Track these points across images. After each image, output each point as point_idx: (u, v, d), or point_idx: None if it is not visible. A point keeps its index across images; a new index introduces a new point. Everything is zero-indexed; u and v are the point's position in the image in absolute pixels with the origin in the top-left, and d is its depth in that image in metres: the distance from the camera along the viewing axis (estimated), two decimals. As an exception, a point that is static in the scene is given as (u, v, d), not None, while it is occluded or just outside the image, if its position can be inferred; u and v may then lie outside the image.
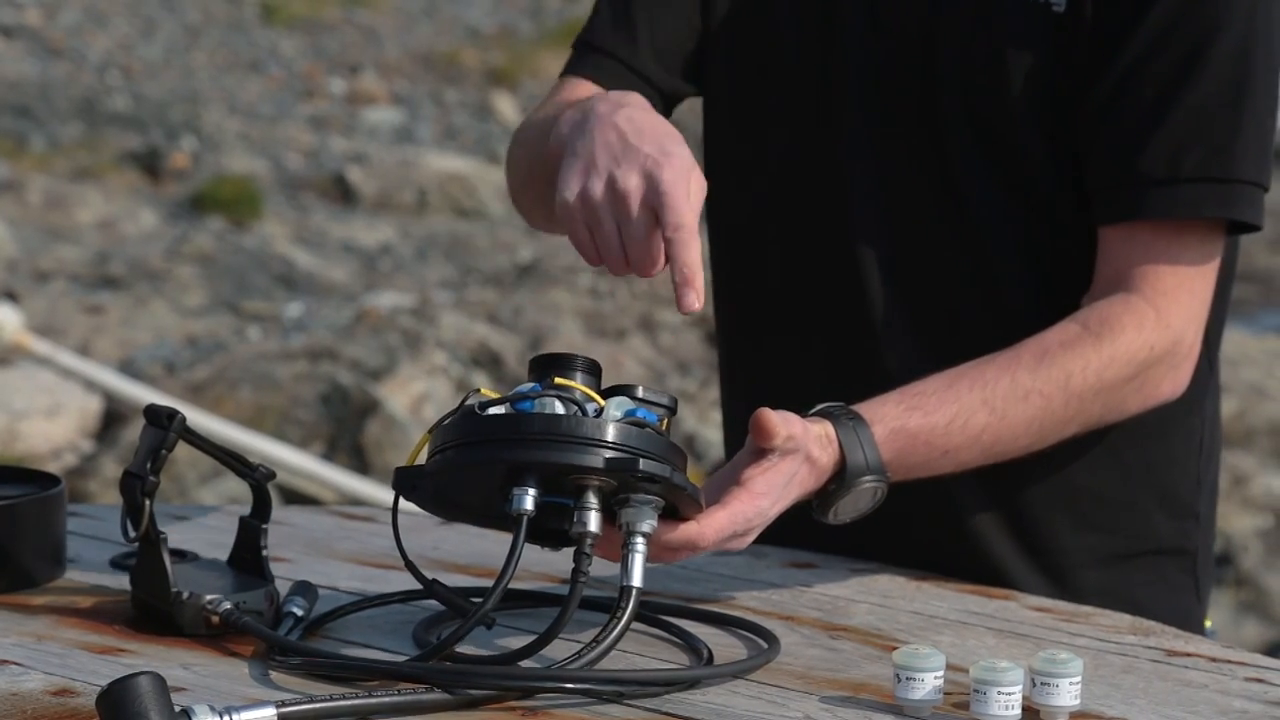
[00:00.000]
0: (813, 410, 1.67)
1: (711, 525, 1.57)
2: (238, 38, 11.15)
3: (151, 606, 1.63)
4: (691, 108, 2.07)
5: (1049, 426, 1.76)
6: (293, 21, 11.43)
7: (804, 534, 1.91)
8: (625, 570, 1.53)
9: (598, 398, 1.54)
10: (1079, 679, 1.48)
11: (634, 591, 1.52)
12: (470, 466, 1.53)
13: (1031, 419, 1.74)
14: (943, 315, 1.87)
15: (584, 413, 1.53)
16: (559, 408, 1.53)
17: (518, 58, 10.98)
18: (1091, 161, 1.82)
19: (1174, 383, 1.81)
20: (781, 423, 1.59)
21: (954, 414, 1.71)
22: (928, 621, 1.73)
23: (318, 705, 1.41)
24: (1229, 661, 1.64)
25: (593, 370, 1.57)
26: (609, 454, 1.50)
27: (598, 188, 1.62)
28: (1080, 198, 1.84)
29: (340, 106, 10.36)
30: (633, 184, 1.61)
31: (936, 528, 1.90)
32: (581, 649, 1.51)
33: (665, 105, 1.99)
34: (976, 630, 1.71)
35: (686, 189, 1.60)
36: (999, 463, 1.83)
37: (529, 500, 1.52)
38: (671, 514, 1.57)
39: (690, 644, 1.63)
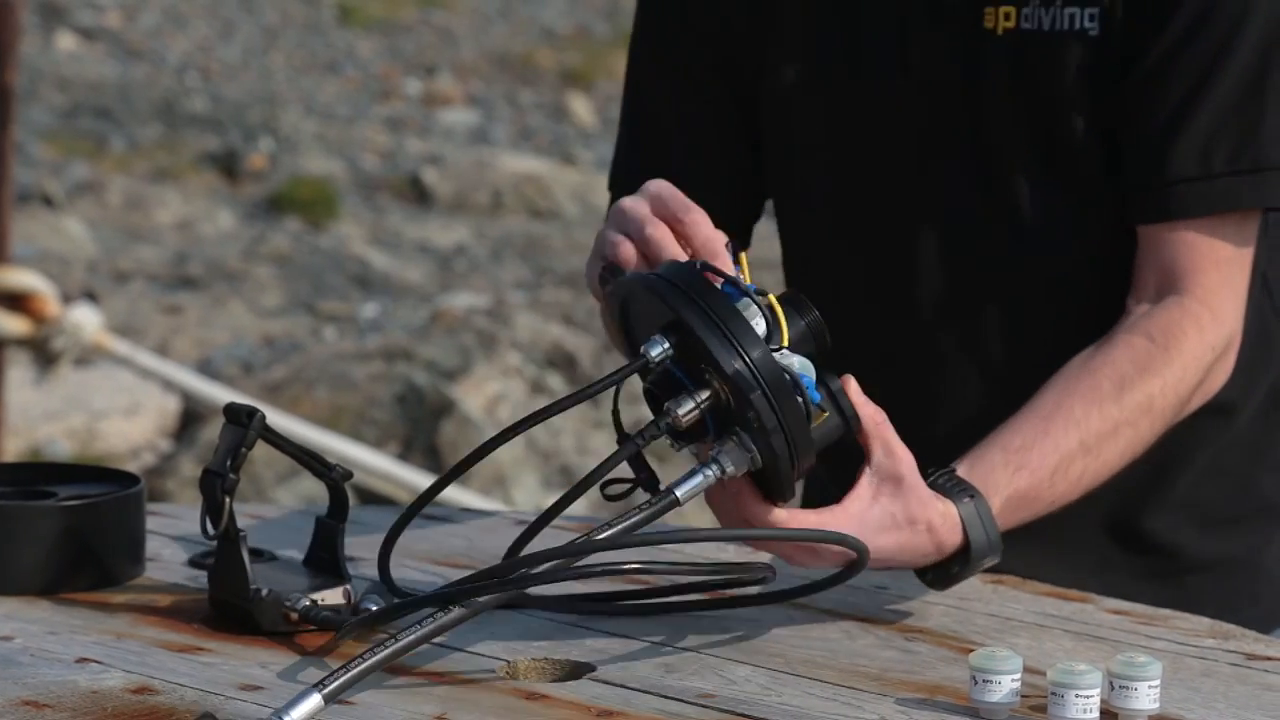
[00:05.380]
0: (927, 481, 1.67)
1: (793, 522, 1.58)
2: (315, 39, 11.21)
3: (230, 604, 1.64)
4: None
5: (1137, 451, 1.80)
6: (369, 23, 11.48)
7: None
8: (680, 480, 1.54)
9: (787, 339, 1.55)
10: (1158, 682, 1.47)
11: (672, 499, 1.54)
12: (648, 293, 1.56)
13: (1123, 451, 1.78)
14: (998, 343, 1.89)
15: (769, 339, 1.54)
16: (755, 315, 1.54)
17: (593, 58, 10.99)
18: (1126, 163, 1.86)
19: (1225, 372, 1.86)
20: (876, 413, 1.60)
21: (1056, 464, 1.74)
22: (1004, 624, 1.73)
23: (354, 671, 1.43)
24: (1310, 666, 1.63)
25: (817, 332, 1.57)
26: (742, 369, 1.51)
27: (604, 234, 1.65)
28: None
29: (416, 108, 10.40)
30: (625, 201, 1.63)
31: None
32: (595, 529, 1.53)
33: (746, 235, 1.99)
34: (1053, 633, 1.70)
35: (674, 190, 1.63)
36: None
37: (657, 349, 1.54)
38: (765, 489, 1.57)
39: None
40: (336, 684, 1.42)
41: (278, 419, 5.73)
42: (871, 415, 1.60)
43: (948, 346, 1.90)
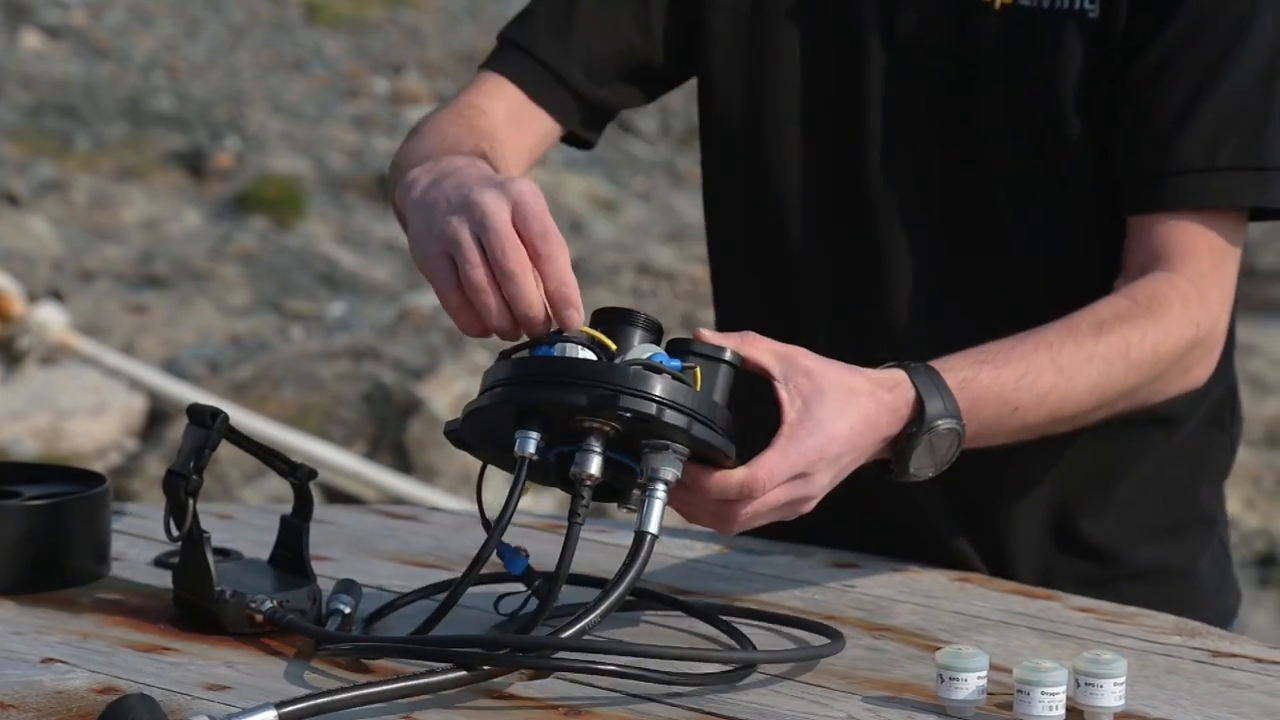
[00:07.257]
0: (880, 367, 1.65)
1: (763, 465, 1.52)
2: (282, 38, 11.19)
3: (195, 605, 1.63)
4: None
5: (1110, 394, 1.76)
6: (336, 21, 11.46)
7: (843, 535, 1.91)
8: (641, 516, 1.50)
9: (615, 347, 1.52)
10: (1123, 679, 1.47)
11: (649, 538, 1.50)
12: (478, 411, 1.52)
13: (1095, 383, 1.74)
14: (970, 327, 1.87)
15: (604, 358, 1.51)
16: (578, 350, 1.51)
17: (560, 57, 10.98)
18: (1125, 151, 1.84)
19: (1206, 367, 1.84)
20: (720, 335, 1.56)
21: (1023, 370, 1.70)
22: (970, 622, 1.73)
23: (318, 701, 1.41)
24: (1274, 662, 1.64)
25: (651, 328, 1.54)
26: (594, 391, 1.47)
27: (451, 220, 1.56)
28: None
29: (383, 106, 10.39)
30: (487, 197, 1.56)
31: (974, 531, 1.91)
32: (592, 602, 1.49)
33: (589, 116, 1.97)
34: (1020, 630, 1.71)
35: (538, 199, 1.56)
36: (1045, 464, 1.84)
37: (530, 444, 1.50)
38: (710, 462, 1.53)
39: (738, 642, 1.63)
40: (296, 708, 1.41)
41: (245, 418, 5.72)
42: (739, 339, 1.56)
43: (919, 329, 1.89)
